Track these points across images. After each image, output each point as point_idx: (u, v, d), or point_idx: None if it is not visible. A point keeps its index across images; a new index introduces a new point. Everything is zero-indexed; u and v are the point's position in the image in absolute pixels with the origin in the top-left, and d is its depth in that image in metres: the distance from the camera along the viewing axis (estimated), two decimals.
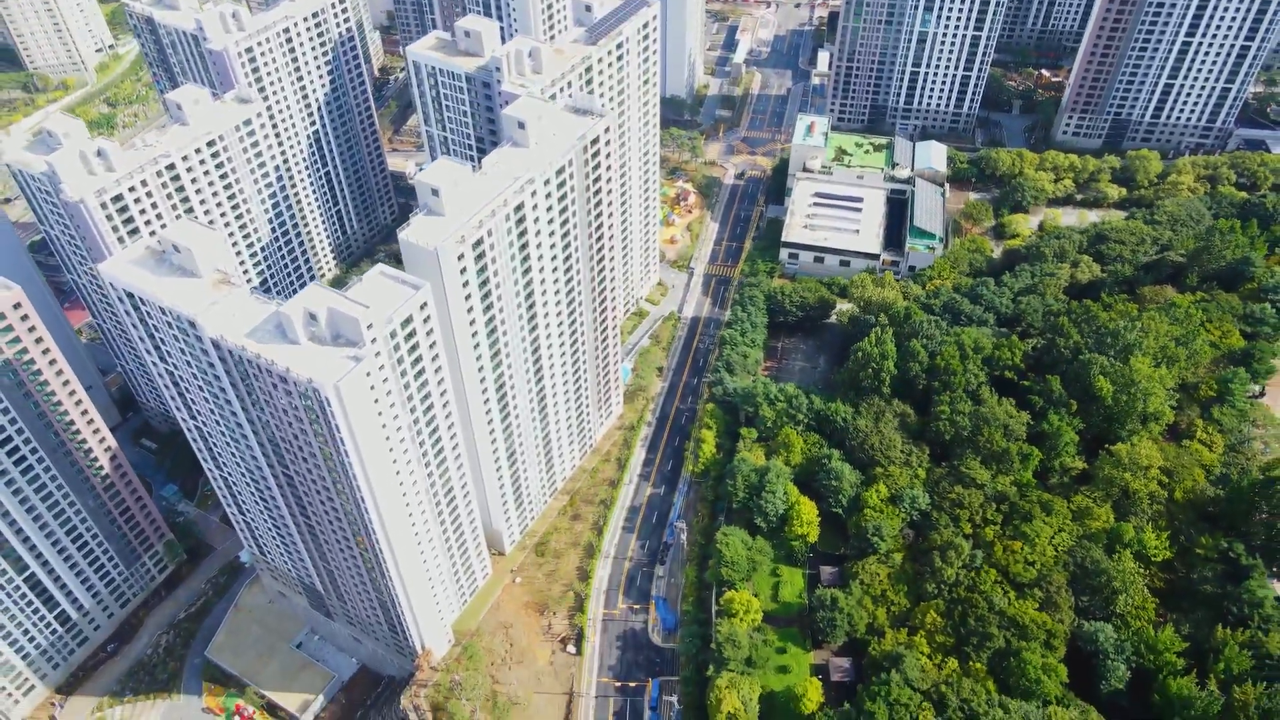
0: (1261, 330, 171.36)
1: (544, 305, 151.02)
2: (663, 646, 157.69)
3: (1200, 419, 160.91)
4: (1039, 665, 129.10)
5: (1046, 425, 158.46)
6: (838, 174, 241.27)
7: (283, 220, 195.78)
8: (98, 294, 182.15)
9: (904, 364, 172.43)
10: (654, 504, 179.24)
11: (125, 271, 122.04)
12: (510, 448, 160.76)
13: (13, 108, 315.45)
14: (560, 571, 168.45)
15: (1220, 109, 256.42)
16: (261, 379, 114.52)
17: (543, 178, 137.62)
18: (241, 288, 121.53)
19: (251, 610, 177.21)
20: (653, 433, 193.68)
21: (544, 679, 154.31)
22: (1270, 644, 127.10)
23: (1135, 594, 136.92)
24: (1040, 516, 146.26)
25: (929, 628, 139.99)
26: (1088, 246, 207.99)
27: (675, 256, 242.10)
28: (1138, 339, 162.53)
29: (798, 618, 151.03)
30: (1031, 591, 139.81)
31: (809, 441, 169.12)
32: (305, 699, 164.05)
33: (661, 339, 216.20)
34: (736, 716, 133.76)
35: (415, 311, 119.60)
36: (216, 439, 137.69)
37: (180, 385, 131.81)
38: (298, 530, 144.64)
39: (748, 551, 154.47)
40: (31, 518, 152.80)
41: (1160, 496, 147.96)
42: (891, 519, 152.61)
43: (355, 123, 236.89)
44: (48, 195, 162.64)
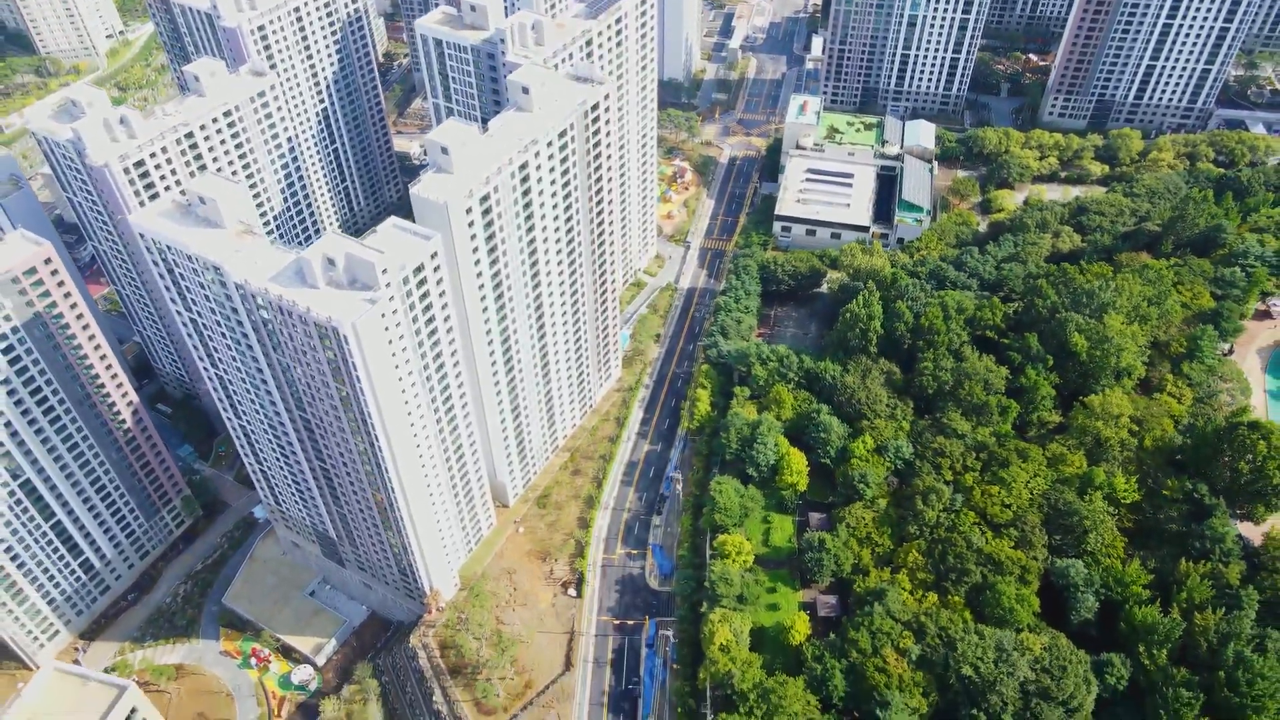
0: (1231, 292, 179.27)
1: (546, 263, 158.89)
2: (659, 590, 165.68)
3: (1171, 374, 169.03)
4: (1013, 596, 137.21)
5: (1024, 380, 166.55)
6: (829, 151, 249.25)
7: (294, 192, 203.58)
8: (118, 259, 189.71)
9: (890, 324, 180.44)
10: (651, 460, 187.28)
11: (154, 222, 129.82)
12: (514, 401, 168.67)
13: (26, 91, 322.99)
14: (561, 522, 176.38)
15: (1200, 90, 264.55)
16: (283, 320, 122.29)
17: (545, 139, 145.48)
18: (262, 238, 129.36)
19: (266, 561, 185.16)
20: (650, 394, 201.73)
21: (546, 620, 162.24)
22: (1230, 575, 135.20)
23: (1105, 533, 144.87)
24: (1017, 463, 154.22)
25: (910, 566, 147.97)
26: (1069, 218, 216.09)
27: (672, 231, 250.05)
28: (1112, 298, 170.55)
29: (787, 560, 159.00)
30: (1007, 531, 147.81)
31: (799, 398, 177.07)
32: (318, 642, 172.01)
33: (659, 308, 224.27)
34: (728, 648, 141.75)
35: (426, 260, 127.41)
36: (237, 386, 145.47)
37: (203, 334, 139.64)
38: (313, 476, 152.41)
39: (740, 499, 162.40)
40: (59, 466, 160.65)
41: (1130, 444, 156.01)
42: (877, 468, 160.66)
43: (362, 102, 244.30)
44: (72, 162, 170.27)
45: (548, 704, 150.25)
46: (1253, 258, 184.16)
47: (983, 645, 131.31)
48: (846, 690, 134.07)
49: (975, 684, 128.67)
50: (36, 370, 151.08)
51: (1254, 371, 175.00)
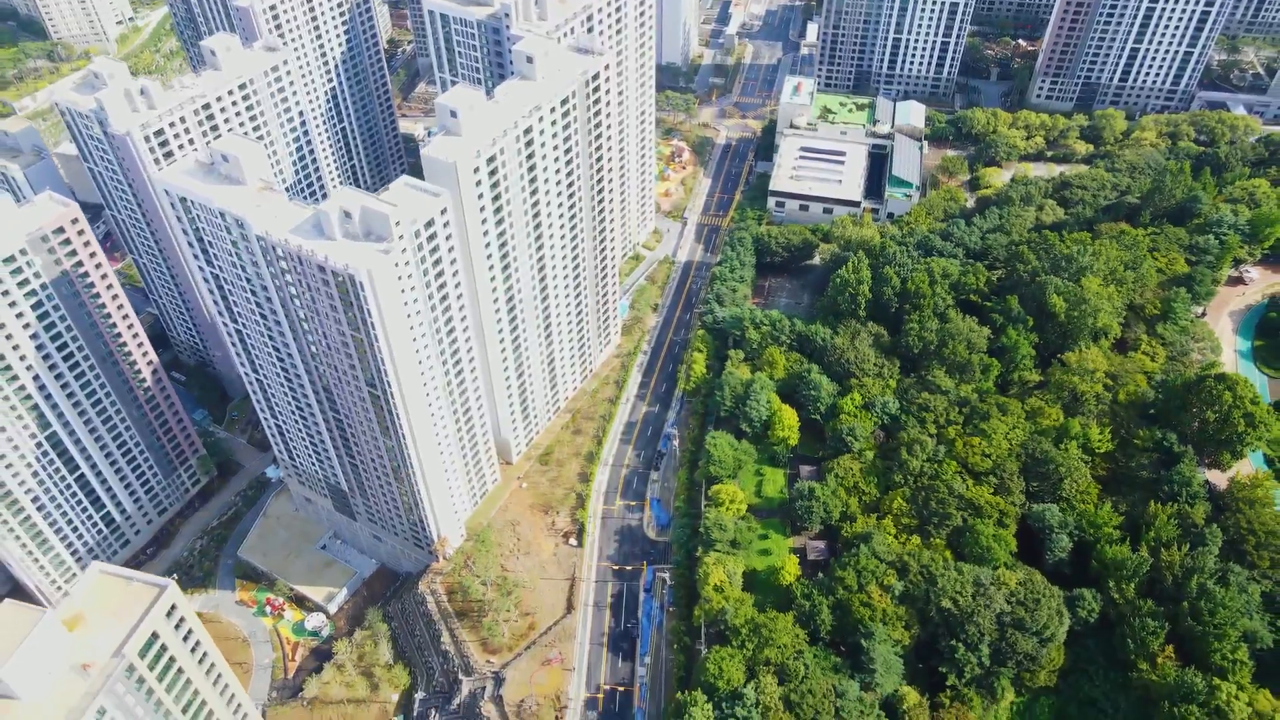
0: (1204, 259, 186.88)
1: (549, 225, 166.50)
2: (656, 540, 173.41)
3: (1145, 335, 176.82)
4: (990, 535, 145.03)
5: (1005, 339, 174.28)
6: (822, 130, 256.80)
7: (304, 165, 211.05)
8: (136, 229, 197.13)
9: (878, 289, 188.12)
10: (649, 420, 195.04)
11: (178, 180, 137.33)
12: (519, 361, 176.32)
13: (38, 75, 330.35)
14: (563, 477, 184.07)
15: (1183, 73, 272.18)
16: (302, 270, 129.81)
17: (549, 105, 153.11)
18: (281, 194, 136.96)
19: (279, 517, 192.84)
20: (648, 360, 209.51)
21: (548, 567, 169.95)
22: (1195, 515, 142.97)
23: (1080, 479, 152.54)
24: (997, 416, 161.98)
25: (895, 512, 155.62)
26: (1052, 192, 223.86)
27: (670, 208, 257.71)
28: (1090, 262, 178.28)
29: (779, 510, 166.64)
30: (987, 479, 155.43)
31: (791, 359, 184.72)
32: (330, 592, 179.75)
33: (657, 280, 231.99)
34: (722, 587, 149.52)
35: (436, 215, 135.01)
36: (255, 340, 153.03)
37: (224, 288, 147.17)
38: (327, 428, 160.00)
39: (734, 452, 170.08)
40: (83, 421, 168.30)
41: (1105, 398, 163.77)
42: (864, 422, 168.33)
43: (369, 82, 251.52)
44: (94, 131, 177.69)
45: (550, 643, 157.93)
46: (1226, 226, 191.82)
47: (961, 580, 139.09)
48: (833, 624, 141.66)
49: (954, 616, 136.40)
50: (64, 327, 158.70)
51: (1225, 333, 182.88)
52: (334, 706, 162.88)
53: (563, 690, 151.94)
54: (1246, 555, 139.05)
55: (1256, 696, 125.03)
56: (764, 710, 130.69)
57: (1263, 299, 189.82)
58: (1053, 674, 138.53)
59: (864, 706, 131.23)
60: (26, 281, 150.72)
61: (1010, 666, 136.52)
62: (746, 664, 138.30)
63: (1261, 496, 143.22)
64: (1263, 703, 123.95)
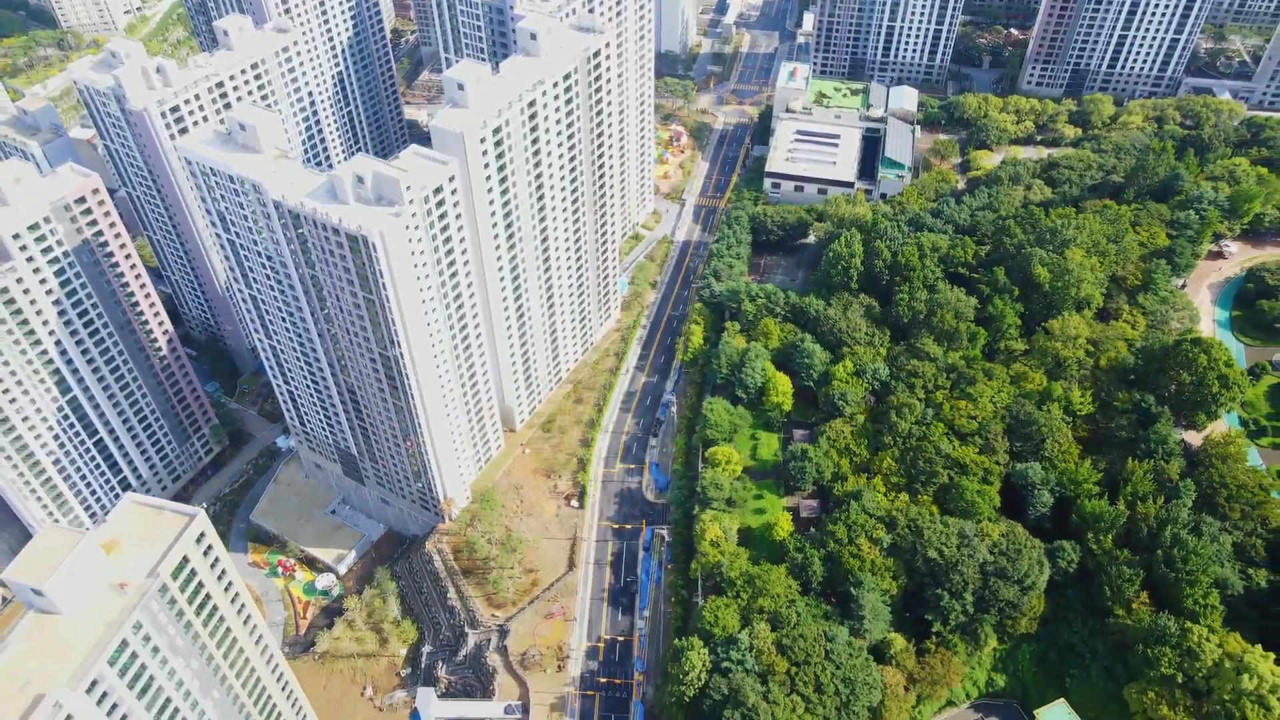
0: (1185, 233, 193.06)
1: (551, 197, 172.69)
2: (655, 502, 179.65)
3: (1126, 304, 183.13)
4: (975, 490, 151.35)
5: (992, 309, 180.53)
6: (817, 114, 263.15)
7: (313, 144, 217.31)
8: (151, 204, 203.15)
9: (870, 262, 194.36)
10: (648, 390, 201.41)
11: (198, 148, 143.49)
12: (522, 330, 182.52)
13: (48, 63, 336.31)
14: (564, 444, 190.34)
15: (1170, 59, 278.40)
16: (316, 232, 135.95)
17: (552, 80, 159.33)
18: (296, 161, 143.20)
19: (289, 484, 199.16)
20: (647, 333, 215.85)
21: (551, 528, 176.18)
22: (1170, 470, 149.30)
23: (1061, 439, 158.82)
24: (983, 381, 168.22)
25: (885, 471, 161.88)
26: (1040, 172, 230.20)
27: (669, 190, 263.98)
28: (1073, 235, 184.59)
29: (773, 471, 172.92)
30: (973, 439, 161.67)
31: (785, 330, 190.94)
32: (339, 553, 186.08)
33: (656, 258, 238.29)
34: (718, 542, 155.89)
35: (445, 182, 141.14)
36: (269, 305, 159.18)
37: (240, 254, 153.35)
38: (338, 390, 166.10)
39: (730, 417, 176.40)
40: (102, 387, 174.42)
41: (1087, 364, 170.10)
42: (856, 388, 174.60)
43: (375, 67, 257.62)
44: (111, 108, 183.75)
45: (553, 598, 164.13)
46: (1207, 202, 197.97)
47: (946, 532, 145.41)
48: (824, 575, 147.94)
49: (939, 566, 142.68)
50: (84, 294, 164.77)
51: (1204, 304, 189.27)
52: (344, 660, 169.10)
53: (565, 641, 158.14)
54: (1219, 507, 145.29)
55: (1226, 639, 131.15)
56: (757, 654, 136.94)
57: (1241, 272, 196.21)
58: (1033, 621, 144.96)
59: (853, 650, 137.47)
60: (50, 249, 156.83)
61: (993, 614, 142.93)
62: (741, 613, 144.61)
63: (1234, 453, 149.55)
64: (1232, 645, 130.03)
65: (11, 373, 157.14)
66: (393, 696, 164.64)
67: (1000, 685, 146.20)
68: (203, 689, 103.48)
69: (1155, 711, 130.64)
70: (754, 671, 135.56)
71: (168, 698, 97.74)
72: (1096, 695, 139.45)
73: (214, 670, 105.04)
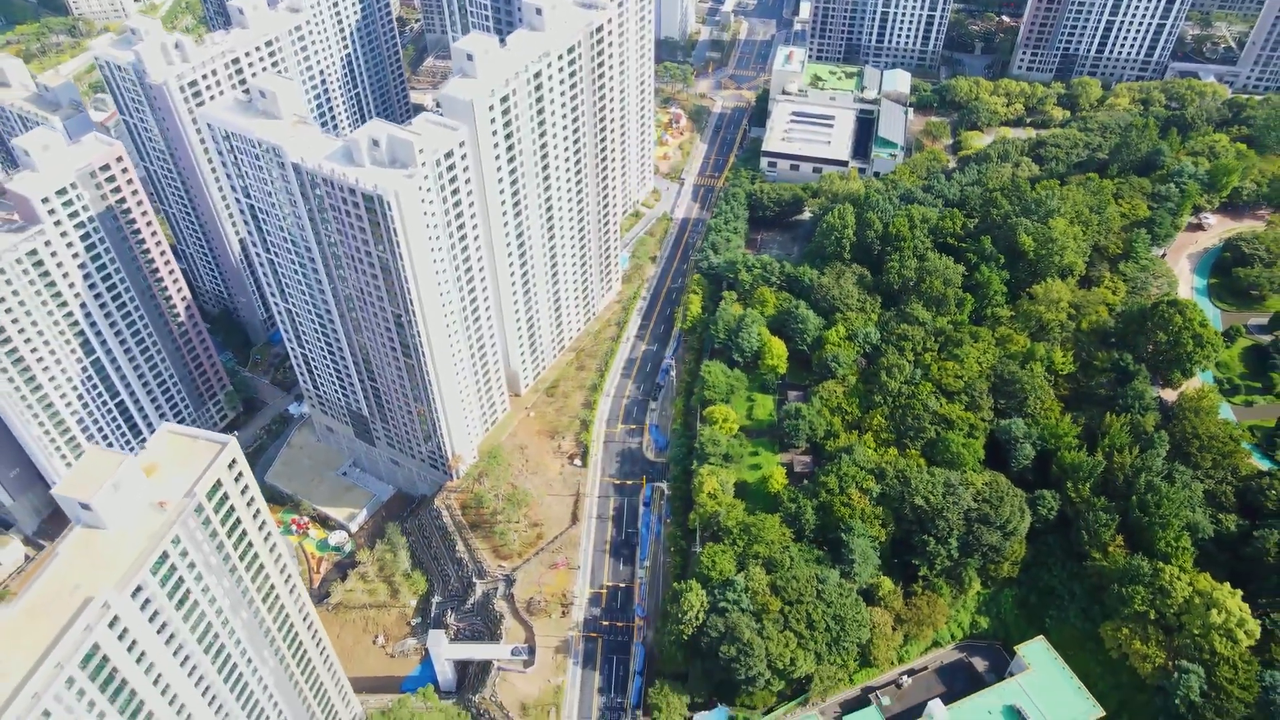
0: (1165, 205, 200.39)
1: (556, 168, 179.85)
2: (655, 461, 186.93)
3: (1108, 272, 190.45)
4: (960, 443, 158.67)
5: (979, 276, 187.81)
6: (813, 96, 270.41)
7: (324, 125, 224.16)
8: (168, 179, 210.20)
9: (862, 233, 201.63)
10: (648, 357, 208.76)
11: (219, 114, 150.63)
12: (527, 296, 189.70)
13: (60, 50, 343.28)
14: (568, 407, 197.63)
15: (1156, 44, 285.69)
16: (334, 193, 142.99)
17: (556, 53, 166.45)
18: (314, 127, 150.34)
19: (302, 447, 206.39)
20: (647, 305, 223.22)
21: (555, 485, 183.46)
22: (1146, 423, 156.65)
23: (1043, 396, 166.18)
24: (969, 343, 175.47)
25: (875, 428, 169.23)
26: (1029, 150, 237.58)
27: (668, 170, 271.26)
28: (1057, 205, 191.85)
29: (768, 430, 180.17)
30: (959, 397, 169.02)
31: (780, 298, 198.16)
32: (351, 512, 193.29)
33: (656, 234, 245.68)
34: (715, 495, 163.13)
35: (455, 147, 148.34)
36: (286, 269, 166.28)
37: (259, 218, 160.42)
38: (351, 353, 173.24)
39: (727, 379, 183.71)
40: (123, 350, 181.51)
41: (1069, 327, 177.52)
42: (848, 351, 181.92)
43: (382, 51, 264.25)
44: (131, 84, 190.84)
45: (557, 550, 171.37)
46: (1187, 176, 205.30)
47: (933, 481, 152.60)
48: (816, 523, 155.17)
49: (926, 513, 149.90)
50: (108, 259, 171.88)
51: (1184, 273, 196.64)
52: (357, 611, 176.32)
53: (568, 589, 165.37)
54: (1191, 457, 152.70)
55: (1197, 579, 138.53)
56: (753, 594, 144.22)
57: (1219, 242, 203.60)
58: (1015, 566, 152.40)
59: (844, 591, 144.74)
60: (76, 214, 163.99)
61: (976, 558, 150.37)
62: (737, 558, 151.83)
63: (1207, 406, 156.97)
64: (1202, 583, 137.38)
65: (39, 332, 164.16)
66: (403, 644, 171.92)
67: (984, 627, 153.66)
68: (233, 608, 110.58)
69: (1129, 646, 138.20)
70: (749, 611, 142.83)
71: (202, 612, 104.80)
72: (1074, 634, 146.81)
73: (243, 591, 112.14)
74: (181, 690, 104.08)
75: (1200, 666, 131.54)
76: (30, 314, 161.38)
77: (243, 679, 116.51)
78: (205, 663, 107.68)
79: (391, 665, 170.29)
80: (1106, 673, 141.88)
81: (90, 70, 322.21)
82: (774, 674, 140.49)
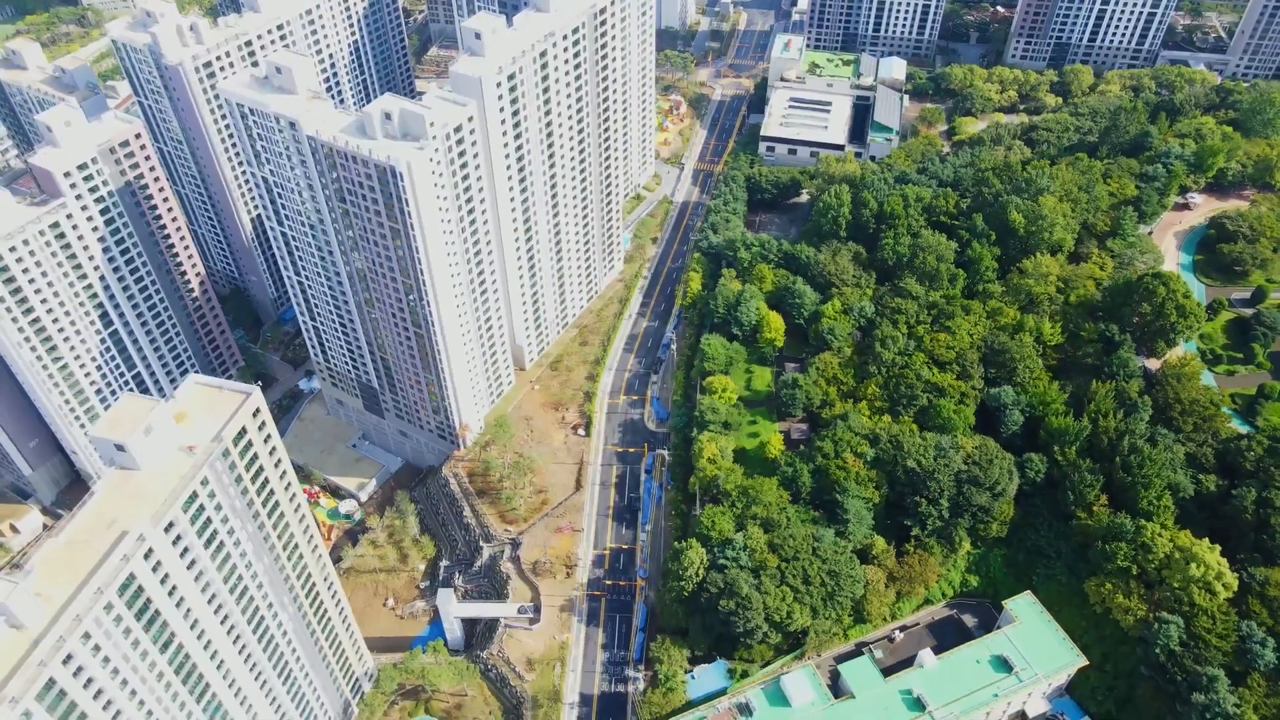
0: (1153, 184, 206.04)
1: (560, 146, 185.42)
2: (656, 431, 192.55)
3: (1096, 249, 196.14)
4: (951, 409, 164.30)
5: (971, 252, 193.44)
6: (810, 82, 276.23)
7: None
8: (179, 158, 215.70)
9: (857, 212, 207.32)
10: (650, 333, 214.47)
11: (237, 89, 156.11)
12: (533, 272, 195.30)
13: (69, 39, 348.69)
14: (572, 380, 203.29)
15: (1147, 33, 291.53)
16: (348, 165, 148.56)
17: (562, 33, 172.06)
18: (328, 102, 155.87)
19: (313, 420, 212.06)
20: (648, 284, 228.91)
21: (559, 454, 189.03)
22: (1130, 389, 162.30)
23: (1032, 365, 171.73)
24: (961, 316, 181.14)
25: (869, 397, 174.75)
26: (1021, 135, 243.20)
27: (669, 155, 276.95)
28: (1047, 184, 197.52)
29: (766, 400, 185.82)
30: (951, 367, 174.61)
31: (778, 274, 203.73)
32: (361, 482, 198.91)
33: (657, 216, 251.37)
34: (715, 460, 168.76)
35: (464, 122, 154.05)
36: (300, 241, 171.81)
37: (274, 191, 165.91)
38: (362, 324, 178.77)
39: (726, 352, 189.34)
40: (140, 323, 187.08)
41: (1058, 300, 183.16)
42: (844, 324, 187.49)
43: (389, 38, 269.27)
44: (147, 65, 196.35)
45: (562, 514, 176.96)
46: (1174, 157, 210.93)
47: (925, 445, 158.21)
48: (812, 486, 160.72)
49: (918, 475, 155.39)
50: (126, 234, 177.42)
51: (1170, 250, 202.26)
52: (368, 575, 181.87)
53: (573, 552, 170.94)
54: (1173, 421, 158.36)
55: (1177, 535, 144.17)
56: (751, 552, 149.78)
57: (1204, 221, 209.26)
58: (1003, 526, 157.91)
59: (839, 548, 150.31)
60: (96, 188, 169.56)
61: (966, 518, 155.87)
62: (736, 520, 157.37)
63: (1189, 373, 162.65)
64: (1182, 539, 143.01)
65: (61, 303, 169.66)
66: (413, 606, 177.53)
67: (974, 585, 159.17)
68: (256, 553, 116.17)
69: (1112, 601, 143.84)
70: (747, 567, 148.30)
71: (228, 554, 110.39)
72: (1060, 591, 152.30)
73: (264, 537, 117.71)
74: (209, 627, 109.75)
75: (1180, 618, 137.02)
76: (52, 285, 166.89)
77: (264, 623, 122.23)
78: (230, 603, 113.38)
79: (401, 626, 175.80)
80: (1091, 626, 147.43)
81: (101, 59, 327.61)
82: (771, 627, 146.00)
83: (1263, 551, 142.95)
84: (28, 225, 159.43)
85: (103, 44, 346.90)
